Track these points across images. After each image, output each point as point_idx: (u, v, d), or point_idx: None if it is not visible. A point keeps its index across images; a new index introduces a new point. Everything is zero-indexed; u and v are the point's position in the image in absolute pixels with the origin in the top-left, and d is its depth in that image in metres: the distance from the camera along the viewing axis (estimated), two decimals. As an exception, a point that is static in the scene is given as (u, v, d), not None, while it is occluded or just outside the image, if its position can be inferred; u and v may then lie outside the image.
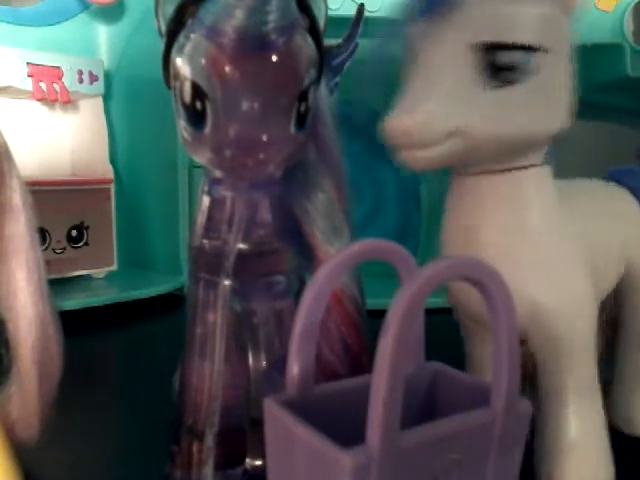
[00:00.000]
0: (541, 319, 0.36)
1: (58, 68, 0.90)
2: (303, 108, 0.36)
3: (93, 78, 0.95)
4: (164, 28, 0.36)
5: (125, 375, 0.69)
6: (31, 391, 0.31)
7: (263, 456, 0.38)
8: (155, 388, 0.52)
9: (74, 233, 0.93)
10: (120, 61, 1.03)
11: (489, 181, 0.36)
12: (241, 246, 0.37)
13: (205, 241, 0.38)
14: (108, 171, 0.98)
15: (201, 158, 0.37)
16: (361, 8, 0.48)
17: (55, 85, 0.90)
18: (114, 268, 0.98)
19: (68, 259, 0.92)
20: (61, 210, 0.90)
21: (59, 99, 0.91)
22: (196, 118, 0.35)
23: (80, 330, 0.71)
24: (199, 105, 0.34)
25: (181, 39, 0.35)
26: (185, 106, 0.35)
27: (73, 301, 0.83)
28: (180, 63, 0.35)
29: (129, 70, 1.01)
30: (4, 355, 0.31)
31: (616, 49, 0.82)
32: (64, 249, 0.92)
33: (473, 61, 0.32)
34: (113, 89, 1.03)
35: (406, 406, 0.25)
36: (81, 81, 0.94)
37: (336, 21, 0.41)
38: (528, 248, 0.36)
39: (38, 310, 0.30)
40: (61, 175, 1.00)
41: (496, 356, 0.28)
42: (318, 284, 0.30)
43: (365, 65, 0.35)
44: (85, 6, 1.00)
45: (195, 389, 0.39)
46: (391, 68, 0.35)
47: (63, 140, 1.02)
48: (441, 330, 0.45)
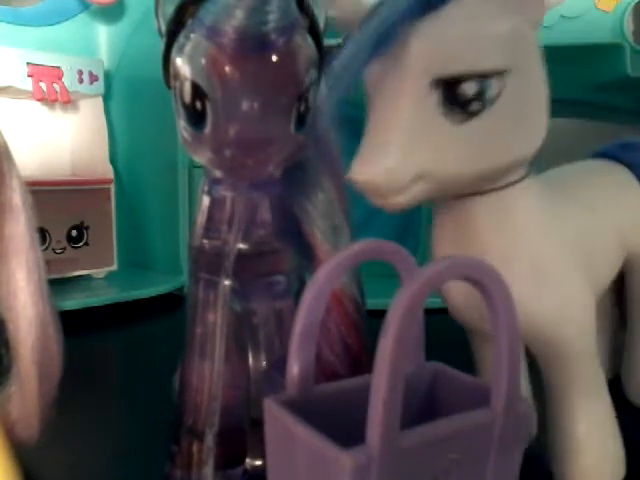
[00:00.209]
0: (538, 326, 0.36)
1: (58, 68, 0.90)
2: (303, 108, 0.36)
3: (93, 78, 0.95)
4: (164, 28, 0.36)
5: (125, 375, 0.69)
6: (31, 391, 0.31)
7: (263, 456, 0.38)
8: (155, 388, 0.52)
9: (74, 233, 0.93)
10: (120, 61, 1.03)
11: (473, 204, 0.34)
12: (241, 246, 0.37)
13: (205, 241, 0.38)
14: (108, 171, 0.98)
15: (201, 158, 0.37)
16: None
17: (55, 85, 0.90)
18: (114, 268, 0.98)
19: (68, 259, 0.92)
20: (61, 210, 0.90)
21: (59, 99, 0.91)
22: (196, 118, 0.35)
23: (80, 330, 0.71)
24: (199, 105, 0.34)
25: (181, 39, 0.35)
26: (185, 106, 0.35)
27: (73, 301, 0.84)
28: (180, 63, 0.35)
29: (129, 70, 1.01)
30: (4, 355, 0.31)
31: (616, 49, 0.82)
32: (64, 249, 0.92)
33: (431, 98, 0.30)
34: (113, 89, 1.03)
35: (406, 406, 0.25)
36: (81, 81, 0.94)
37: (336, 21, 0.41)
38: (521, 261, 0.34)
39: (38, 310, 0.30)
40: (61, 175, 1.00)
41: (496, 356, 0.28)
42: (318, 284, 0.30)
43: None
44: (85, 6, 1.00)
45: (195, 389, 0.39)
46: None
47: (63, 140, 1.02)
48: (441, 330, 0.45)
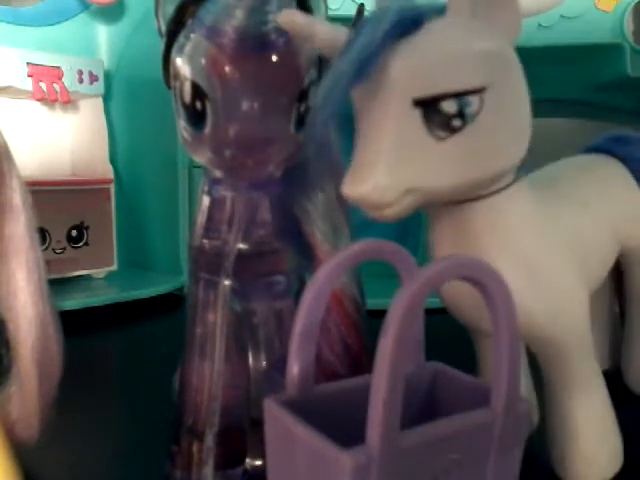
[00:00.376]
0: (534, 324, 0.36)
1: (58, 68, 0.90)
2: (303, 108, 0.36)
3: (93, 78, 0.95)
4: (164, 28, 0.36)
5: (125, 375, 0.69)
6: (31, 391, 0.31)
7: (263, 456, 0.38)
8: (155, 388, 0.52)
9: (74, 233, 0.93)
10: (120, 61, 1.03)
11: (465, 210, 0.35)
12: (241, 246, 0.37)
13: (205, 241, 0.38)
14: (108, 171, 0.97)
15: (201, 158, 0.37)
16: (361, 8, 0.48)
17: (55, 85, 0.90)
18: (114, 268, 0.98)
19: (68, 259, 0.92)
20: (61, 210, 0.90)
21: (59, 99, 0.91)
22: (196, 118, 0.35)
23: (80, 330, 0.71)
24: (199, 105, 0.34)
25: (181, 39, 0.35)
26: (185, 106, 0.35)
27: (73, 301, 0.83)
28: (180, 63, 0.35)
29: (129, 70, 1.01)
30: (4, 355, 0.31)
31: (616, 49, 0.82)
32: (64, 249, 0.92)
33: (414, 118, 0.30)
34: (113, 89, 1.03)
35: (406, 406, 0.25)
36: (81, 81, 0.94)
37: (336, 21, 0.41)
38: (515, 263, 0.35)
39: (38, 310, 0.30)
40: (61, 175, 1.00)
41: (496, 356, 0.28)
42: (318, 284, 0.30)
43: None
44: (85, 6, 1.00)
45: (195, 389, 0.39)
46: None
47: (63, 140, 1.02)
48: (441, 330, 0.45)
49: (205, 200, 0.39)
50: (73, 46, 0.98)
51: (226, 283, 0.37)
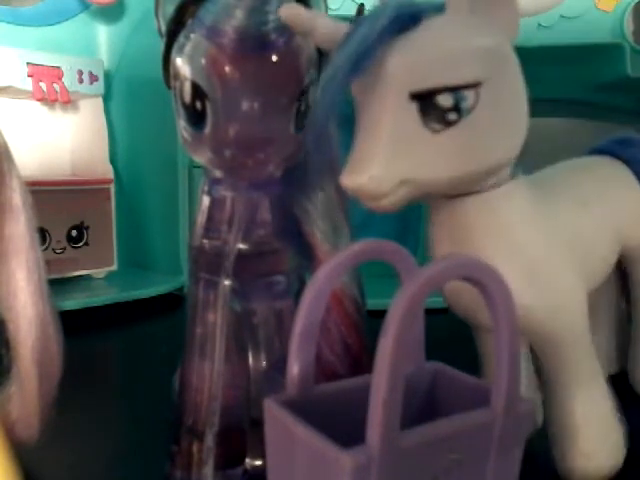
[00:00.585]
0: (532, 321, 0.36)
1: (58, 68, 0.90)
2: (303, 108, 0.36)
3: (93, 78, 0.95)
4: (164, 28, 0.36)
5: (125, 375, 0.69)
6: (31, 391, 0.31)
7: (263, 456, 0.38)
8: (155, 388, 0.52)
9: (74, 233, 0.93)
10: (120, 61, 1.03)
11: (462, 204, 0.35)
12: (241, 246, 0.37)
13: (205, 241, 0.38)
14: (108, 171, 0.97)
15: (201, 158, 0.37)
16: (361, 8, 0.48)
17: (55, 85, 0.90)
18: (114, 268, 0.98)
19: (68, 259, 0.92)
20: (61, 210, 0.90)
21: (59, 99, 0.91)
22: (196, 118, 0.35)
23: (80, 330, 0.71)
24: (199, 105, 0.34)
25: (181, 39, 0.35)
26: (185, 106, 0.35)
27: (73, 301, 0.83)
28: (180, 63, 0.35)
29: (129, 70, 1.01)
30: (4, 355, 0.31)
31: (616, 49, 0.82)
32: (64, 249, 0.92)
33: (410, 111, 0.31)
34: (113, 89, 1.03)
35: (406, 406, 0.25)
36: (81, 81, 0.94)
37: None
38: (511, 259, 0.36)
39: (38, 310, 0.30)
40: (61, 175, 1.00)
41: (496, 356, 0.28)
42: (318, 284, 0.30)
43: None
44: (85, 6, 1.00)
45: (195, 389, 0.39)
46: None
47: (63, 140, 1.02)
48: (441, 330, 0.45)
49: (205, 200, 0.39)
50: (73, 46, 0.98)
51: (226, 283, 0.37)
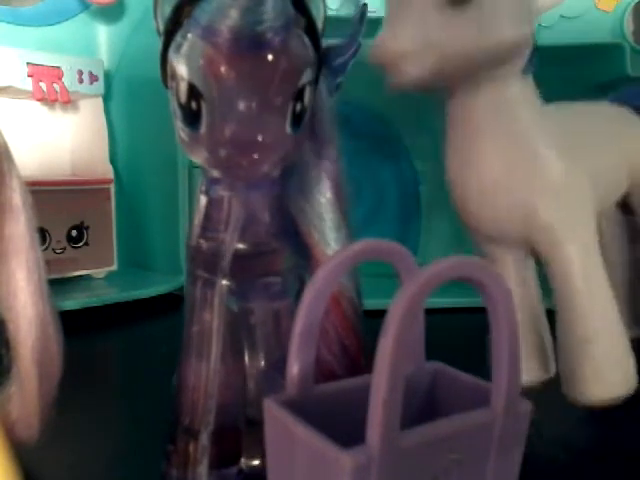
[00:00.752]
0: (539, 226, 0.39)
1: (58, 68, 0.90)
2: (299, 108, 0.36)
3: (93, 78, 0.95)
4: (162, 28, 0.36)
5: (125, 375, 0.69)
6: (31, 391, 0.31)
7: (259, 456, 0.38)
8: (155, 388, 0.51)
9: (74, 233, 0.93)
10: (120, 61, 1.03)
11: (475, 94, 0.40)
12: (239, 246, 0.37)
13: (202, 241, 0.38)
14: (108, 171, 0.97)
15: (197, 158, 0.37)
16: (364, 8, 0.48)
17: (55, 85, 0.90)
18: (114, 268, 0.98)
19: (68, 259, 0.92)
20: (61, 210, 0.90)
21: (59, 99, 0.91)
22: (192, 118, 0.35)
23: (80, 330, 0.71)
24: (194, 105, 0.34)
25: (178, 39, 0.35)
26: (181, 106, 0.35)
27: (73, 301, 0.83)
28: (177, 63, 0.35)
29: (129, 70, 1.01)
30: (4, 355, 0.31)
31: (616, 49, 0.82)
32: (64, 249, 0.92)
33: None
34: (113, 89, 1.03)
35: (406, 406, 0.25)
36: (81, 81, 0.94)
37: (336, 21, 0.41)
38: (520, 155, 0.40)
39: (38, 310, 0.30)
40: (61, 175, 1.00)
41: (496, 356, 0.28)
42: (318, 284, 0.30)
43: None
44: (85, 6, 1.00)
45: (192, 388, 0.39)
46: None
47: (63, 140, 1.02)
48: (441, 330, 0.45)
49: (202, 200, 0.39)
50: (73, 46, 0.98)
51: (223, 283, 0.37)
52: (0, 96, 0.92)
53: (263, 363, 0.38)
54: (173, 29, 0.35)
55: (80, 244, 0.94)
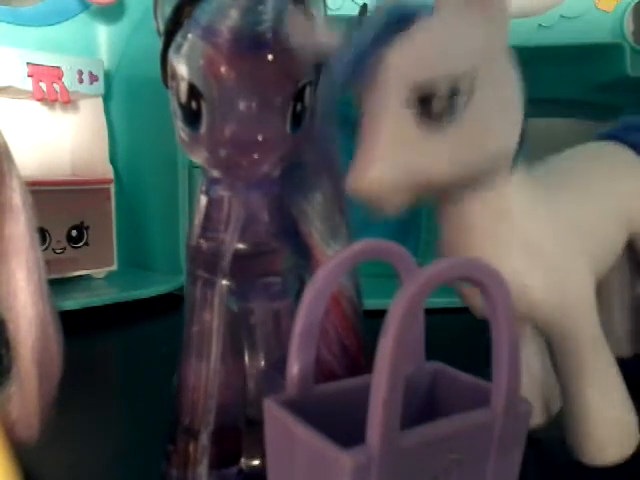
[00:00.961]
0: (545, 312, 0.38)
1: (58, 68, 0.90)
2: (299, 108, 0.36)
3: (93, 78, 0.95)
4: (162, 28, 0.36)
5: (125, 375, 0.69)
6: (31, 391, 0.31)
7: (259, 456, 0.38)
8: (155, 388, 0.52)
9: (74, 233, 0.93)
10: (120, 61, 1.03)
11: (467, 204, 0.37)
12: (239, 246, 0.37)
13: (202, 241, 0.38)
14: (108, 171, 0.98)
15: (198, 158, 0.37)
16: (364, 8, 0.48)
17: (55, 85, 0.90)
18: (114, 268, 0.98)
19: (68, 259, 0.92)
20: (61, 210, 0.90)
21: (59, 99, 0.91)
22: (192, 118, 0.35)
23: (80, 330, 0.71)
24: (195, 105, 0.34)
25: (178, 39, 0.35)
26: (181, 106, 0.35)
27: (73, 301, 0.83)
28: (177, 63, 0.35)
29: (129, 70, 1.01)
30: (4, 355, 0.31)
31: (616, 49, 0.82)
32: (64, 249, 0.92)
33: (409, 113, 0.33)
34: (113, 89, 1.03)
35: (406, 406, 0.25)
36: (81, 81, 0.94)
37: (336, 21, 0.41)
38: (519, 252, 0.38)
39: (38, 310, 0.30)
40: (61, 175, 1.00)
41: (496, 356, 0.28)
42: (318, 284, 0.30)
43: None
44: (85, 6, 1.00)
45: (192, 388, 0.39)
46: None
47: (63, 140, 1.02)
48: (441, 330, 0.45)
49: (203, 200, 0.39)
50: (73, 46, 0.98)
51: (223, 283, 0.37)
52: (0, 96, 0.92)
53: (263, 363, 0.39)
54: (173, 29, 0.35)
55: (80, 244, 0.94)
